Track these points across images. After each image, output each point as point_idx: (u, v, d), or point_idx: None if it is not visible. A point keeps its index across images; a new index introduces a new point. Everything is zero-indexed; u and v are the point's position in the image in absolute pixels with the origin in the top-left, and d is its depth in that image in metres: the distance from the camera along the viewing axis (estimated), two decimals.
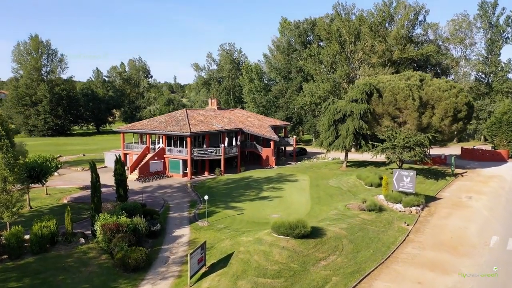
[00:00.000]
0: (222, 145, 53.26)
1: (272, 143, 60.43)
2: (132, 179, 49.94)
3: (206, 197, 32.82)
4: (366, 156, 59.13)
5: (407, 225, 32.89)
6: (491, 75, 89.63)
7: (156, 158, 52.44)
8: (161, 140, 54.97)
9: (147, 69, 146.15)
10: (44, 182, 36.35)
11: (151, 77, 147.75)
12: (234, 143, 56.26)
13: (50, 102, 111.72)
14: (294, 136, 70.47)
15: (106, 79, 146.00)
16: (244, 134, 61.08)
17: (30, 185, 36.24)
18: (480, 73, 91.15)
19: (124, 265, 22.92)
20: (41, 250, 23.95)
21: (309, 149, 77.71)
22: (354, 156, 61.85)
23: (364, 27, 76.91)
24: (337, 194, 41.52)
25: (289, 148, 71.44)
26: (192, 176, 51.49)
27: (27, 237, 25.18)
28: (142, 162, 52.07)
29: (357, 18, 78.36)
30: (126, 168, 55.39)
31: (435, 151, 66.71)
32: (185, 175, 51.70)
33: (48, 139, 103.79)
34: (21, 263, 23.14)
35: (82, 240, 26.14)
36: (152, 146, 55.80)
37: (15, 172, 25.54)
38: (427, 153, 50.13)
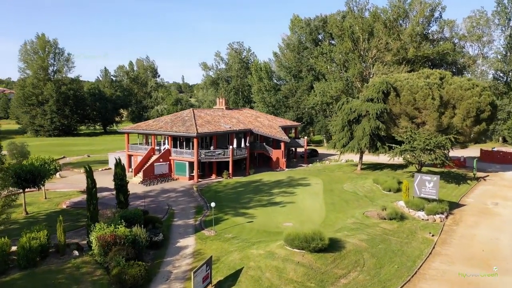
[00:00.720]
0: (231, 147, 50.77)
1: (282, 145, 57.81)
2: (136, 182, 47.71)
3: (212, 204, 30.33)
4: (381, 158, 56.24)
5: (432, 235, 30.09)
6: (510, 73, 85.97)
7: (161, 160, 50.11)
8: (166, 141, 52.66)
9: (155, 69, 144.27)
10: (41, 186, 34.11)
11: (159, 76, 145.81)
12: (243, 145, 53.74)
13: (56, 102, 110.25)
14: (305, 137, 67.66)
15: (114, 78, 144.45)
16: (253, 135, 58.56)
17: (27, 189, 34.03)
18: (499, 72, 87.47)
19: (121, 282, 20.49)
20: (29, 265, 21.55)
21: (320, 150, 74.93)
22: (368, 158, 58.95)
23: (378, 24, 73.89)
24: (353, 200, 38.77)
25: (299, 150, 68.75)
26: (199, 179, 49.06)
27: (15, 248, 22.81)
28: (147, 164, 49.76)
29: (371, 14, 75.33)
30: (130, 170, 53.51)
31: (453, 153, 63.52)
32: (191, 178, 49.29)
33: (55, 139, 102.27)
34: (6, 279, 20.79)
35: (76, 252, 23.75)
36: (158, 148, 53.49)
37: None
38: (448, 156, 47.09)
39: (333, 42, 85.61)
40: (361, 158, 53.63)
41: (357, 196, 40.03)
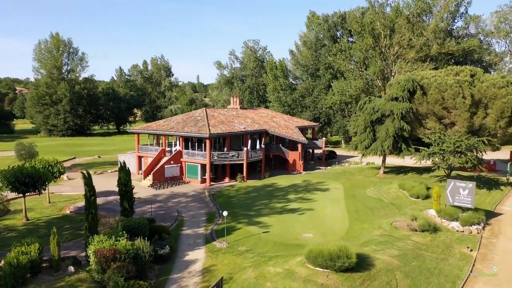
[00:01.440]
0: (245, 148, 48.00)
1: (299, 146, 54.78)
2: (146, 185, 45.36)
3: (225, 213, 27.62)
4: (405, 161, 52.69)
5: (471, 250, 26.78)
6: None
7: (172, 162, 47.65)
8: (178, 142, 50.16)
9: (169, 68, 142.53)
10: (43, 190, 31.87)
11: (173, 75, 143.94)
12: (258, 146, 50.90)
13: (70, 102, 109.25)
14: (324, 138, 64.47)
15: (128, 78, 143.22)
16: (269, 135, 55.71)
17: (28, 193, 31.85)
18: None
19: None
20: (18, 283, 19.05)
21: (338, 152, 71.64)
22: (390, 160, 55.40)
23: (400, 19, 70.13)
24: (378, 208, 35.57)
25: (317, 151, 65.61)
26: (211, 183, 46.42)
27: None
28: (157, 166, 47.33)
29: (393, 9, 71.61)
30: (140, 172, 51.18)
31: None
32: (203, 181, 46.69)
33: (68, 139, 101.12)
34: None
35: (72, 268, 21.22)
36: (169, 149, 51.01)
37: None
38: (481, 159, 43.46)
39: (352, 39, 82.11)
40: (384, 160, 50.23)
41: (382, 203, 36.79)
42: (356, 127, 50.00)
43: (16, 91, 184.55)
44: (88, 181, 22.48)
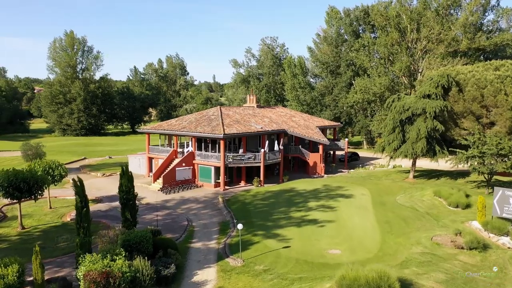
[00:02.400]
0: (262, 150, 44.41)
1: (320, 147, 50.91)
2: (155, 189, 42.24)
3: (239, 226, 24.10)
4: (434, 164, 48.19)
5: None
6: None
7: (183, 164, 44.41)
8: (190, 142, 46.88)
9: (184, 66, 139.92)
10: (38, 196, 28.85)
11: (188, 74, 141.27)
12: (276, 147, 47.24)
13: (84, 101, 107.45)
14: (346, 139, 60.41)
15: (143, 77, 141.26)
16: (287, 136, 52.05)
17: (23, 199, 28.94)
18: None
19: None
20: None
21: (360, 153, 67.46)
22: (419, 163, 50.93)
23: (428, 12, 65.55)
24: (412, 218, 31.51)
25: (338, 153, 61.60)
26: (226, 187, 43.01)
27: None
28: (168, 169, 44.17)
29: (420, 1, 67.00)
30: (150, 175, 48.07)
31: None
32: (217, 185, 43.31)
33: (81, 139, 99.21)
34: None
35: None
36: (180, 150, 47.79)
37: None
38: None
39: (374, 35, 77.63)
40: (414, 164, 45.92)
41: (416, 213, 32.70)
42: (383, 127, 45.85)
43: (35, 91, 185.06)
44: (79, 190, 19.24)
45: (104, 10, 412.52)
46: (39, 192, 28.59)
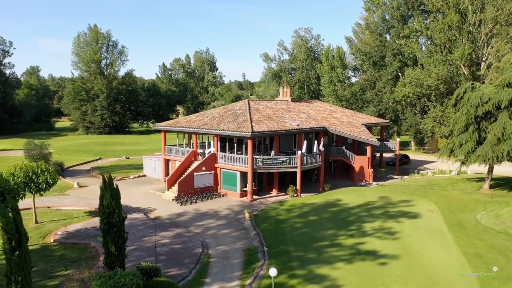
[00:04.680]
0: (299, 152, 36.21)
1: (368, 149, 42.24)
2: (169, 198, 34.95)
3: (273, 273, 16.16)
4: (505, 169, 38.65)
5: None
6: None
7: (203, 168, 36.87)
8: (212, 142, 39.26)
9: (213, 62, 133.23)
10: (8, 209, 21.93)
11: (217, 70, 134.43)
12: (315, 149, 38.93)
13: (107, 97, 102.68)
14: (398, 139, 51.29)
15: (171, 73, 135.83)
16: (328, 135, 43.70)
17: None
18: None
19: None
20: None
21: (410, 155, 58.10)
22: (495, 168, 41.32)
23: None
24: (509, 248, 22.57)
25: (385, 155, 52.62)
26: (254, 196, 35.18)
27: None
28: (185, 174, 36.80)
29: None
30: (164, 181, 40.87)
31: None
32: (243, 194, 35.55)
33: (102, 137, 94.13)
34: None
35: None
36: (201, 151, 40.29)
37: None
38: None
39: (425, 22, 67.70)
40: (490, 171, 36.40)
41: None
42: (453, 125, 36.62)
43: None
44: (9, 226, 11.78)
45: (138, 9, 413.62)
46: (6, 205, 21.55)
